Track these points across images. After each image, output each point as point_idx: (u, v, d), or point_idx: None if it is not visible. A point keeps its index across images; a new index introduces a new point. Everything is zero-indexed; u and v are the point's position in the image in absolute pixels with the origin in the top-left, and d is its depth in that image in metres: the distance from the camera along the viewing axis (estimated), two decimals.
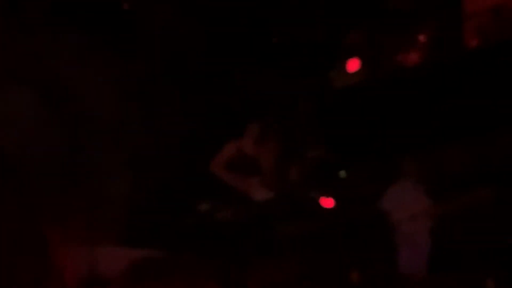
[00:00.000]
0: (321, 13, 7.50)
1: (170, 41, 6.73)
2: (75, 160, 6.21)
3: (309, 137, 7.17)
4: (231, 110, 6.87)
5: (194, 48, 6.84)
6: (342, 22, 7.59)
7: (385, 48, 7.77)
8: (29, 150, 6.09)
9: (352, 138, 7.47)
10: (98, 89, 6.29)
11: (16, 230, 5.28)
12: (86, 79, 6.21)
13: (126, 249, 5.78)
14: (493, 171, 6.68)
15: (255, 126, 6.53)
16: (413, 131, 7.30)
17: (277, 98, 7.01)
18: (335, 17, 7.54)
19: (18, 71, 6.03)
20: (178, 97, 6.67)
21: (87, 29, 6.15)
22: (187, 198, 6.68)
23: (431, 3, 7.78)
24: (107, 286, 5.09)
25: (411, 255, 6.86)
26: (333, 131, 7.47)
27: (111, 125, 6.41)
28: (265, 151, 6.47)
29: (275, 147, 6.55)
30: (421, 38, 7.80)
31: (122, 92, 6.43)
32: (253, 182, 6.46)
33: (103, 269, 5.01)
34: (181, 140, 6.65)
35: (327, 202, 7.06)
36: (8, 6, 6.11)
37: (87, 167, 6.29)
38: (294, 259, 6.26)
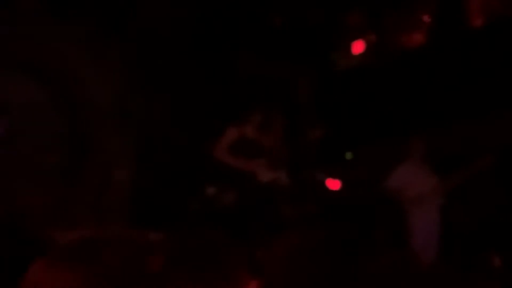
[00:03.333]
0: None
1: (171, 25, 6.77)
2: (79, 147, 6.27)
3: (313, 118, 7.17)
4: (232, 93, 6.89)
5: (196, 34, 6.88)
6: (342, 2, 7.59)
7: (389, 28, 7.75)
8: (33, 138, 6.16)
9: (358, 119, 7.48)
10: (101, 75, 6.34)
11: None
12: (88, 66, 6.26)
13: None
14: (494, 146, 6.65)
15: (258, 112, 6.53)
16: (418, 111, 7.29)
17: (279, 80, 7.03)
18: None
19: (19, 60, 6.09)
20: (181, 82, 6.72)
21: (86, 15, 6.21)
22: (193, 182, 6.71)
23: None
24: None
25: (422, 235, 6.80)
26: (337, 113, 7.48)
27: (116, 111, 6.46)
28: (268, 134, 6.46)
29: (278, 129, 6.54)
30: (425, 18, 7.78)
31: (125, 77, 6.48)
32: (258, 164, 6.44)
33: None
34: (185, 125, 6.69)
35: (334, 184, 7.06)
36: None
37: (91, 153, 6.34)
38: (301, 240, 6.23)
